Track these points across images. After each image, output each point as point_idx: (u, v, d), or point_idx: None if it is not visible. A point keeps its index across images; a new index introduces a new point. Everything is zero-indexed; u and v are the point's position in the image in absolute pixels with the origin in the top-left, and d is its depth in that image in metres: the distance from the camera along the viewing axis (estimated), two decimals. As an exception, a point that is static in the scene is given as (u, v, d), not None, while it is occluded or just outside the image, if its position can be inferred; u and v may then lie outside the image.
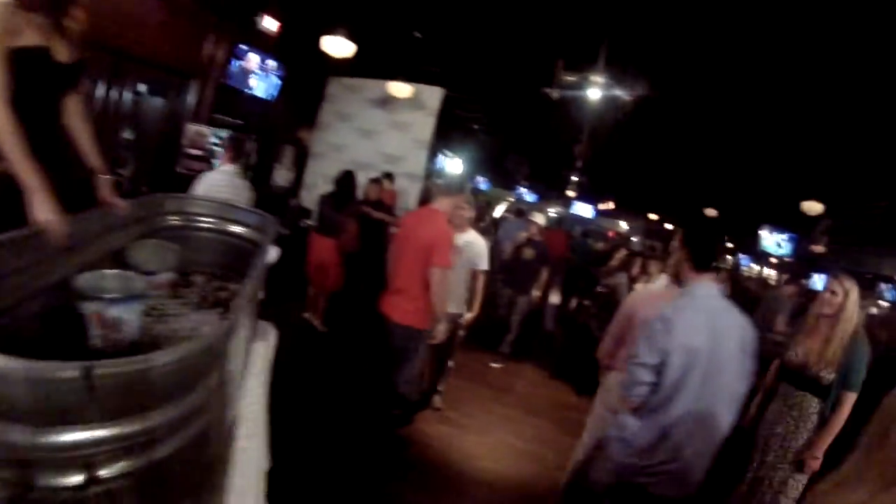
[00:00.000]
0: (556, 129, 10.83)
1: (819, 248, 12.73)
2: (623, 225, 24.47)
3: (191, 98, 6.06)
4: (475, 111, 11.68)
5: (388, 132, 7.32)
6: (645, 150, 11.41)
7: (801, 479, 2.60)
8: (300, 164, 8.06)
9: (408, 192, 7.04)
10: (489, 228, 9.57)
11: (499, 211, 13.35)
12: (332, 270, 4.89)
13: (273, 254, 1.61)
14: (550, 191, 21.99)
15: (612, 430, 2.19)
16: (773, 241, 16.46)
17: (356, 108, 7.56)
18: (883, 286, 12.23)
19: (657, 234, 23.50)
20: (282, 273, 2.14)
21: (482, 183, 17.92)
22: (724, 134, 9.14)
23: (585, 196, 20.99)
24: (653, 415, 2.00)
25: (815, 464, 2.53)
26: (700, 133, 9.47)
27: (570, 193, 19.46)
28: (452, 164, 13.90)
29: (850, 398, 2.49)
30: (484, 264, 3.73)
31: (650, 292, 3.15)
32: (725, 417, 1.99)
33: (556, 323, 7.36)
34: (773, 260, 17.15)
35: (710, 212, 14.47)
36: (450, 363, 3.98)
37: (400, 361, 3.06)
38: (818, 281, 18.01)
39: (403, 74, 6.99)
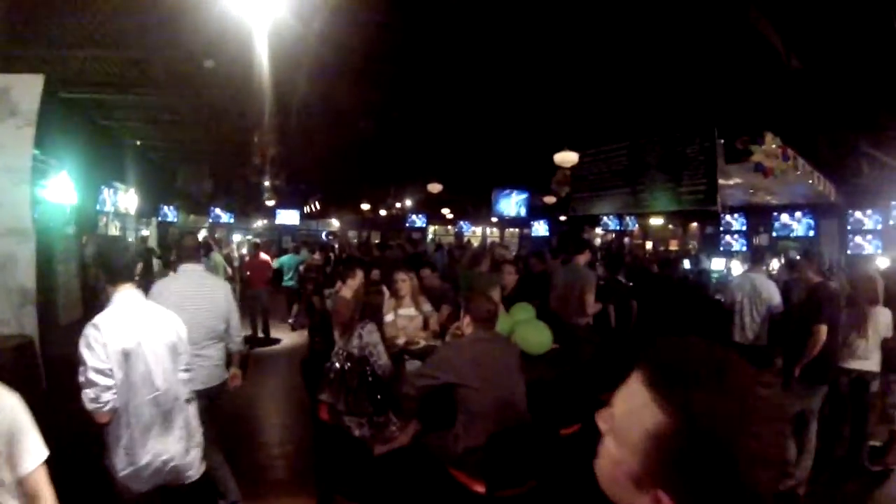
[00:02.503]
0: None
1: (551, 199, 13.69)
2: (335, 223, 23.93)
3: None
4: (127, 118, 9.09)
5: None
6: (346, 129, 9.78)
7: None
8: None
9: (14, 257, 4.63)
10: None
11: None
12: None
13: None
14: (248, 204, 19.79)
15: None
16: (511, 203, 17.22)
17: None
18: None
19: (372, 225, 23.53)
20: None
21: (169, 215, 15.37)
22: (438, 99, 8.19)
23: (289, 200, 19.47)
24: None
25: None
26: (410, 101, 8.39)
27: (270, 203, 17.94)
28: (126, 200, 10.99)
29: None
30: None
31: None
32: None
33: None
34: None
35: (435, 186, 14.26)
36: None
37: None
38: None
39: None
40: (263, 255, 10.77)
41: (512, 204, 17.16)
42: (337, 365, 3.85)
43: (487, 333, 3.41)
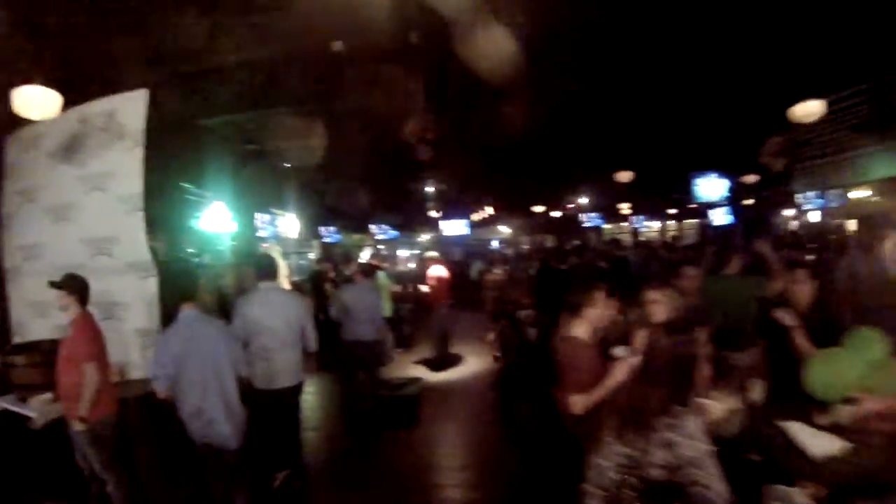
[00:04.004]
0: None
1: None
2: (503, 230, 21.83)
3: None
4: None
5: (83, 199, 4.32)
6: (522, 120, 8.73)
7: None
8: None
9: (137, 294, 4.10)
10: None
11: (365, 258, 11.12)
12: None
13: None
14: (412, 218, 19.18)
15: None
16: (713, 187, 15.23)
17: (41, 172, 4.55)
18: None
19: (547, 228, 20.91)
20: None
21: (329, 235, 14.87)
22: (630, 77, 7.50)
23: (455, 209, 18.00)
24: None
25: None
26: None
27: (434, 214, 16.60)
28: (286, 223, 10.90)
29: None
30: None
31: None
32: None
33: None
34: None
35: (625, 174, 12.48)
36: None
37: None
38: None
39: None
40: (440, 269, 8.81)
41: (714, 188, 15.08)
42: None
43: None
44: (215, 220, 8.08)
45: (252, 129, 8.09)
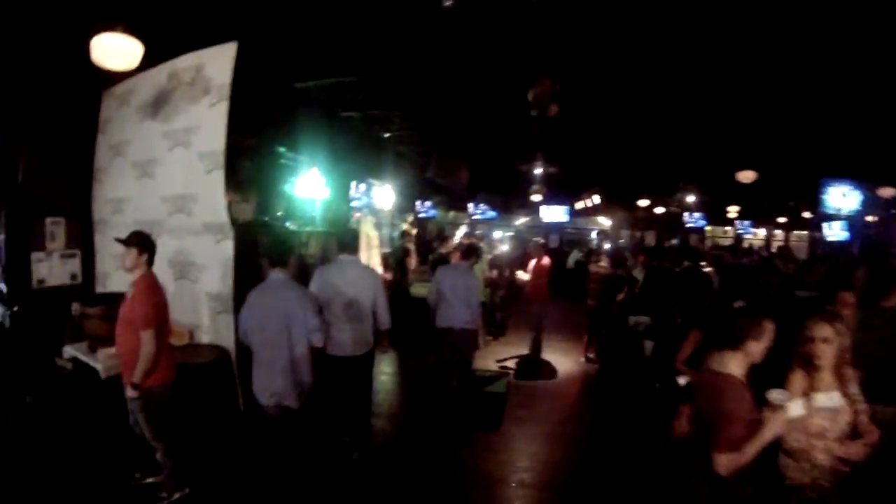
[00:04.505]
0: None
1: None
2: (603, 221, 20.08)
3: None
4: (367, 104, 8.21)
5: (168, 156, 4.23)
6: (643, 108, 8.54)
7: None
8: (85, 243, 4.91)
9: (214, 257, 4.00)
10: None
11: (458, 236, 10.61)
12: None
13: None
14: (512, 199, 18.23)
15: None
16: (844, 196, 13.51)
17: (130, 128, 4.53)
18: None
19: (649, 224, 19.26)
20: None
21: (425, 210, 14.38)
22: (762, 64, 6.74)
23: (557, 194, 16.66)
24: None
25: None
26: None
27: (536, 198, 15.53)
28: (382, 194, 10.50)
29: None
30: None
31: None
32: None
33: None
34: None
35: (748, 175, 11.01)
36: None
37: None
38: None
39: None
40: (544, 259, 7.59)
41: (845, 198, 13.38)
42: None
43: None
44: (309, 185, 7.96)
45: (351, 96, 7.76)
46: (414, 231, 11.31)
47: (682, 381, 3.44)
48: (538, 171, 13.08)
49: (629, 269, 7.22)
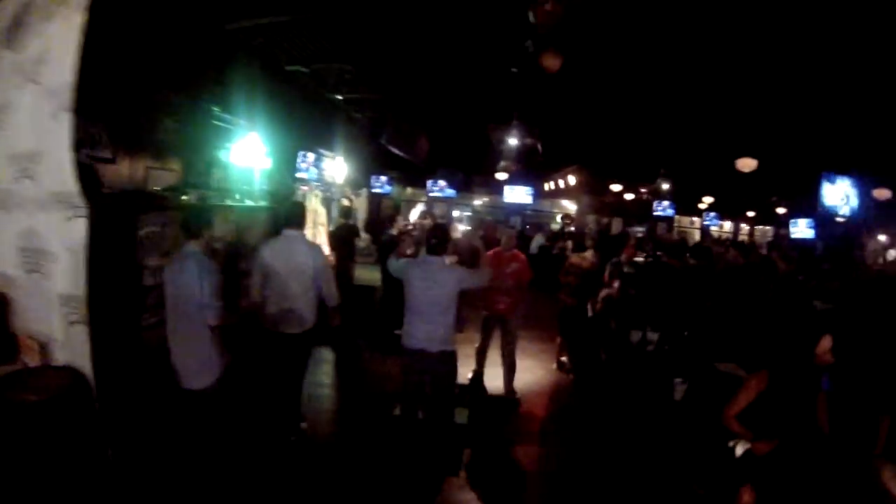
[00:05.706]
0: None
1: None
2: (568, 206, 19.63)
3: None
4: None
5: (18, 96, 2.95)
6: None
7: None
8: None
9: (61, 243, 2.81)
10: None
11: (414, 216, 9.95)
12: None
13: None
14: (475, 177, 17.32)
15: None
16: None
17: None
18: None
19: (617, 210, 18.76)
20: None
21: (381, 185, 13.18)
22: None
23: (527, 173, 15.64)
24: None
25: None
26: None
27: (502, 176, 14.77)
28: (333, 167, 9.45)
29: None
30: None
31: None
32: None
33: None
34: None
35: (748, 163, 10.50)
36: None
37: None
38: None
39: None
40: (518, 257, 5.74)
41: (842, 195, 13.41)
42: None
43: None
44: (247, 153, 6.70)
45: (297, 45, 6.49)
46: (356, 206, 10.06)
47: (739, 448, 2.53)
48: (512, 140, 12.11)
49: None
